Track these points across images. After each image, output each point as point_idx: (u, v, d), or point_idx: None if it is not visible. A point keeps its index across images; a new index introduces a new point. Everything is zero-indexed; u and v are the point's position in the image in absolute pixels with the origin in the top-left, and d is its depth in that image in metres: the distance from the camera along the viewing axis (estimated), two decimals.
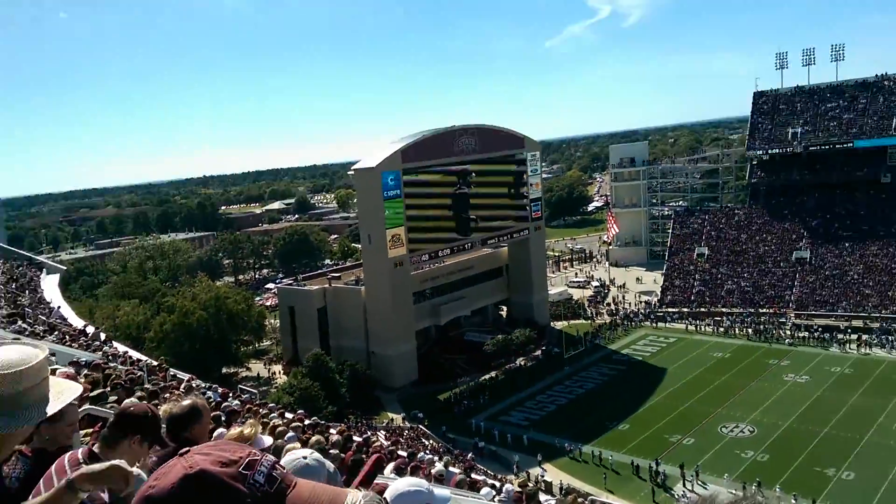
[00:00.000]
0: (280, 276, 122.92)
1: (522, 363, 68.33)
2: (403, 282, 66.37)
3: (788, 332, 68.95)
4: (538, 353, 70.58)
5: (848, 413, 49.76)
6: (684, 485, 41.95)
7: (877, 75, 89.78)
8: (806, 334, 67.62)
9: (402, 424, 54.50)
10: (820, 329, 67.71)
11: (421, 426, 53.57)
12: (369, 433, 42.39)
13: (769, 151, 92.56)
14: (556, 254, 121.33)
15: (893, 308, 68.50)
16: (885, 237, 77.23)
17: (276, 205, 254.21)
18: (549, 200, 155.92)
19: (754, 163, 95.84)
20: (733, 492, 2.22)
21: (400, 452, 14.93)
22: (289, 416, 46.39)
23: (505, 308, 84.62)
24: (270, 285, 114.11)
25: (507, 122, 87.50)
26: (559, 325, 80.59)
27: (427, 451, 38.24)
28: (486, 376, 65.45)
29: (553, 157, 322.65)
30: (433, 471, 10.87)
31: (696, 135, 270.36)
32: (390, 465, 10.73)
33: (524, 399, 59.68)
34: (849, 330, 66.80)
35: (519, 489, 11.96)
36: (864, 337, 64.51)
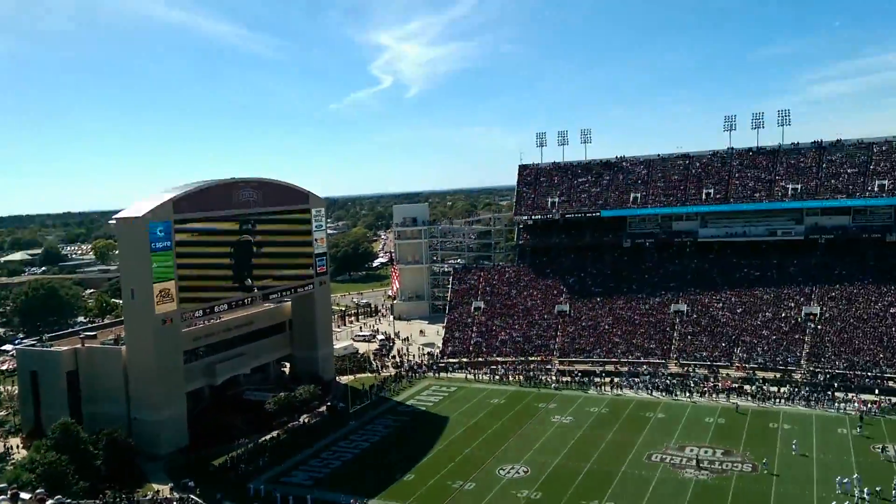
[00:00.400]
0: (21, 336, 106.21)
1: (306, 420, 65.82)
2: (172, 340, 60.81)
3: (554, 378, 75.25)
4: (322, 408, 68.62)
5: (606, 448, 55.10)
6: None
7: (616, 157, 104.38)
8: (568, 379, 74.35)
9: (169, 496, 49.06)
10: (580, 374, 74.95)
11: (192, 496, 48.64)
12: None
13: (533, 217, 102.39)
14: (342, 308, 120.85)
15: (637, 354, 78.24)
16: (628, 293, 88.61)
17: (19, 255, 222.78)
18: (334, 256, 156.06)
19: (521, 226, 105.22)
20: None
21: None
22: (25, 496, 39.46)
23: (288, 364, 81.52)
24: (7, 346, 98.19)
25: (292, 180, 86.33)
26: (345, 379, 79.49)
27: None
28: (268, 436, 61.84)
29: (339, 214, 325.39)
30: None
31: (472, 199, 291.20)
32: None
33: (308, 457, 57.22)
34: (603, 374, 74.78)
35: None
36: (616, 380, 72.60)
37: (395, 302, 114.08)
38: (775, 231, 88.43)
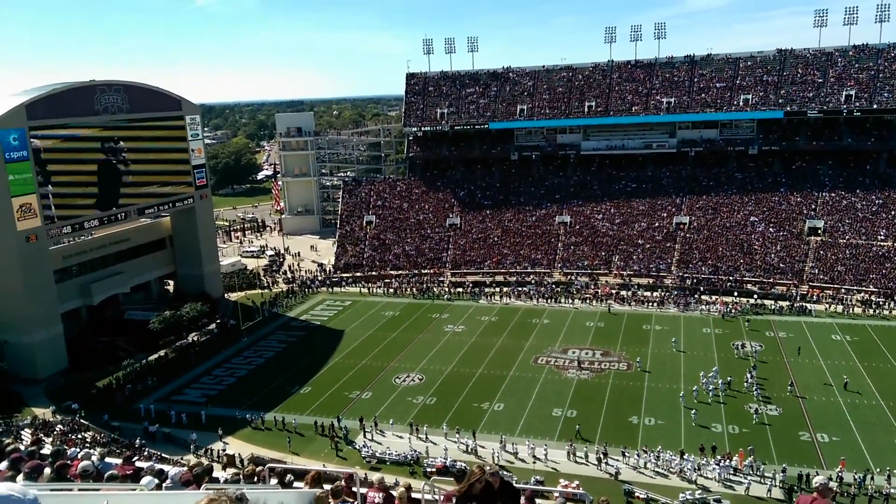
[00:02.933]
0: None
1: (195, 339, 64.01)
2: (39, 258, 56.32)
3: (446, 289, 77.17)
4: (213, 326, 66.92)
5: (496, 354, 57.89)
6: (364, 435, 44.23)
7: (503, 67, 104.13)
8: (460, 290, 76.53)
9: (52, 419, 46.80)
10: (471, 285, 77.28)
11: (77, 418, 46.68)
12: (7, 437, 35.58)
13: (422, 129, 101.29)
14: (227, 223, 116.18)
15: (525, 264, 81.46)
16: (516, 205, 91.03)
17: None
18: (214, 168, 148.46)
19: (411, 138, 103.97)
20: None
21: (44, 451, 12.45)
22: None
23: (172, 282, 78.13)
24: None
25: (161, 84, 79.05)
26: (234, 296, 77.56)
27: (85, 445, 33.43)
28: (154, 356, 59.82)
29: (216, 123, 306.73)
30: (81, 465, 9.30)
31: (359, 109, 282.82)
32: (3, 464, 9.03)
33: (200, 375, 56.17)
34: (493, 284, 77.53)
35: (187, 469, 10.86)
36: (505, 289, 75.56)
37: (283, 217, 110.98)
38: (651, 144, 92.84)
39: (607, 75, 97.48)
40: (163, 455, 38.84)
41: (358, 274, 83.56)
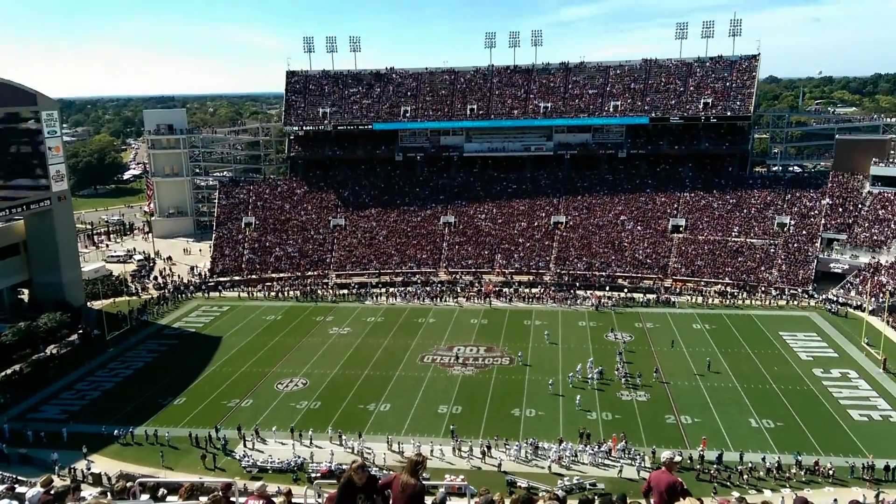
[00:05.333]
0: None
1: (54, 351, 58.97)
2: None
3: (331, 291, 75.91)
4: (74, 337, 61.92)
5: (382, 354, 57.66)
6: (244, 445, 42.60)
7: (387, 68, 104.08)
8: (346, 292, 75.54)
9: None
10: (356, 286, 76.50)
11: None
12: None
13: (304, 128, 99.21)
14: (89, 226, 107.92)
15: (411, 264, 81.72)
16: (401, 206, 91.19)
17: None
18: (75, 167, 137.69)
19: (292, 138, 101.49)
20: None
21: None
22: None
23: (26, 291, 71.52)
24: None
25: (9, 75, 72.06)
26: (99, 304, 72.06)
27: None
28: (8, 371, 54.50)
29: (77, 119, 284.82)
30: None
31: (236, 106, 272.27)
32: None
33: (59, 391, 51.82)
34: (379, 284, 77.15)
35: (43, 489, 9.98)
36: (391, 290, 75.42)
37: (153, 219, 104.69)
38: (529, 147, 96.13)
39: (488, 79, 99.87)
40: (19, 478, 35.39)
41: (237, 278, 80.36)
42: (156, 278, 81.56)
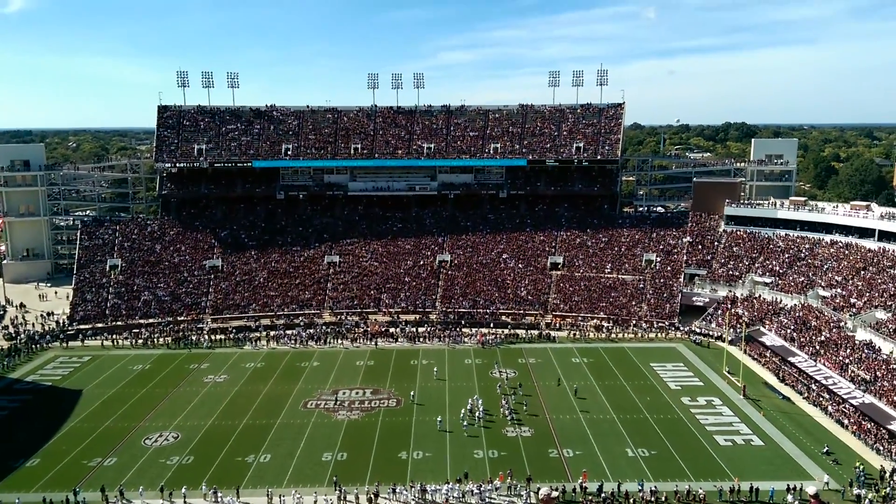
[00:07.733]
0: None
1: None
2: None
3: (206, 337, 71.90)
4: None
5: (262, 402, 54.94)
6: None
7: (267, 105, 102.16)
8: (223, 336, 71.80)
9: None
10: (234, 330, 72.96)
11: None
12: None
13: (177, 165, 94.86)
14: None
15: (294, 306, 79.18)
16: (283, 245, 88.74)
17: None
18: None
19: (164, 175, 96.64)
20: None
21: None
22: None
23: None
24: None
25: None
26: None
27: None
28: None
29: None
30: None
31: (102, 141, 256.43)
32: None
33: None
34: (259, 328, 74.01)
35: None
36: (272, 333, 72.53)
37: (5, 262, 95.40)
38: (414, 186, 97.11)
39: (372, 119, 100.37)
40: None
41: (100, 325, 74.38)
42: (6, 328, 73.86)
